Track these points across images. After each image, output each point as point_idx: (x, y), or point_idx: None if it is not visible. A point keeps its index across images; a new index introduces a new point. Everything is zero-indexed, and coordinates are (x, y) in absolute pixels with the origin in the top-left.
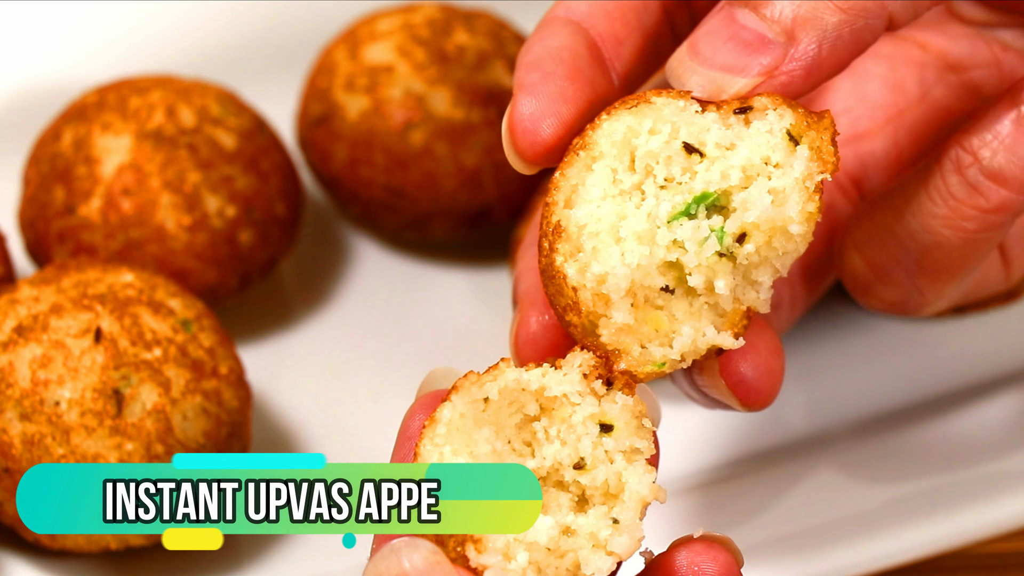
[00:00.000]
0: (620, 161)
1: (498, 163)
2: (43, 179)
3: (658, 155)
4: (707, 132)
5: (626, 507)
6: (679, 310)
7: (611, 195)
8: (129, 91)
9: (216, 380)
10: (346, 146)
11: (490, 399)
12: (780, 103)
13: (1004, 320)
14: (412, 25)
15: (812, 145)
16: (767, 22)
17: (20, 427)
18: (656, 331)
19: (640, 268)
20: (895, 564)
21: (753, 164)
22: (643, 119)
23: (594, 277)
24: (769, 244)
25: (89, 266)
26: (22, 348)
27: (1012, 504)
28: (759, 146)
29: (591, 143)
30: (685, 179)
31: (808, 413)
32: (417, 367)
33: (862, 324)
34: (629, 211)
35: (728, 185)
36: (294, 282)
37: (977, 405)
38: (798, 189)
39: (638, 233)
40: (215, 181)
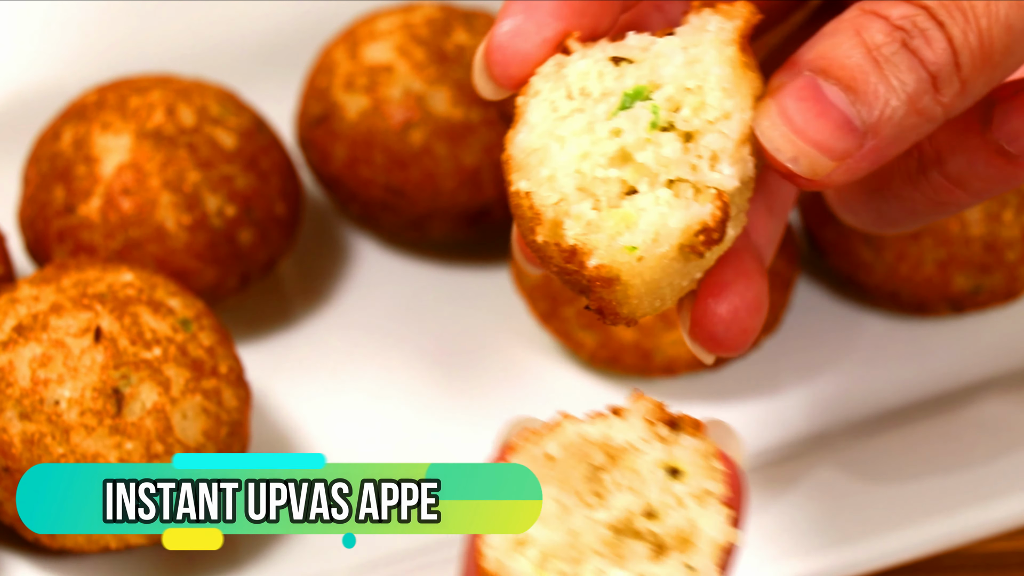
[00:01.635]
0: (557, 93)
1: (498, 163)
2: (43, 178)
3: (589, 74)
4: (632, 44)
5: (700, 553)
6: (645, 203)
7: (550, 120)
8: (129, 91)
9: (216, 379)
10: (345, 145)
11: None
12: (699, 8)
13: (1003, 319)
14: (411, 25)
15: (723, 15)
16: (856, 107)
17: (20, 426)
18: (625, 224)
19: (584, 156)
20: (895, 563)
21: (674, 49)
22: (573, 53)
23: (544, 179)
24: (703, 105)
25: (89, 265)
26: (22, 347)
27: (1011, 503)
28: (678, 38)
29: (528, 86)
30: (618, 85)
31: (808, 412)
32: (417, 366)
33: (861, 324)
34: (568, 123)
35: (654, 74)
36: (294, 281)
37: (976, 404)
38: (712, 46)
39: (577, 131)
40: (215, 180)
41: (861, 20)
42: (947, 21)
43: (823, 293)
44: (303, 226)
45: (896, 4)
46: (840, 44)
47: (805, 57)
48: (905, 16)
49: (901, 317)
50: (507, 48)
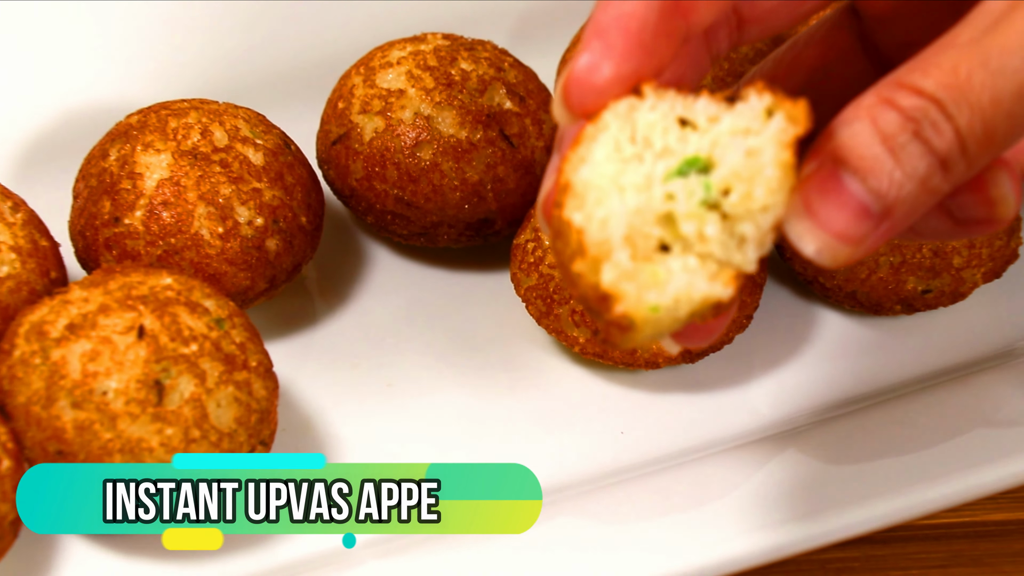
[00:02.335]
0: (623, 133)
1: (498, 178)
2: (92, 193)
3: (655, 126)
4: (699, 109)
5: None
6: (675, 267)
7: (614, 160)
8: (168, 113)
9: (246, 372)
10: (362, 162)
11: None
12: (763, 89)
13: (950, 318)
14: (421, 53)
15: (786, 113)
16: (872, 195)
17: (72, 414)
18: (653, 282)
19: (638, 212)
20: (854, 534)
21: (736, 130)
22: (646, 99)
23: (597, 220)
24: (750, 196)
25: (133, 270)
26: (73, 343)
27: (956, 482)
28: (741, 117)
29: (599, 119)
30: (679, 147)
31: (775, 401)
32: (425, 358)
33: (823, 322)
34: (629, 170)
35: (715, 150)
36: (316, 284)
37: (926, 393)
38: (772, 143)
39: (636, 184)
40: (245, 194)
41: (877, 110)
42: (955, 113)
43: (788, 295)
44: (324, 235)
45: (909, 95)
46: (858, 134)
47: (828, 146)
48: (917, 107)
49: (858, 316)
50: (584, 82)
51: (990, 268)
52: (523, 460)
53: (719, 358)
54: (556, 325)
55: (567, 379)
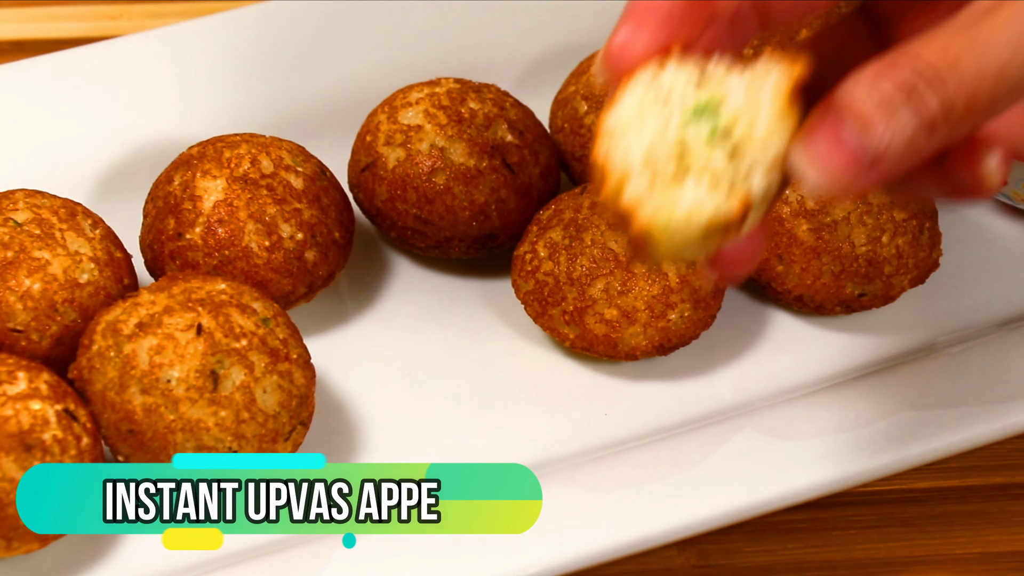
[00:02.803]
0: (649, 90)
1: (501, 199)
2: (159, 212)
3: (676, 84)
4: (714, 70)
5: None
6: (687, 189)
7: (639, 109)
8: (223, 145)
9: (288, 363)
10: (386, 186)
11: None
12: (771, 53)
13: (881, 317)
14: (436, 95)
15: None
16: (864, 147)
17: (141, 399)
18: (667, 202)
19: (654, 146)
20: (801, 500)
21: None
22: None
23: (619, 152)
24: (752, 127)
25: (192, 278)
26: (142, 339)
27: (888, 455)
28: (751, 72)
29: (631, 80)
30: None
31: (734, 387)
32: (439, 351)
33: (775, 321)
34: (651, 115)
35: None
36: (347, 289)
37: (861, 381)
38: (772, 83)
39: (655, 125)
40: (287, 213)
41: (877, 76)
42: (942, 84)
43: (746, 299)
44: (354, 247)
45: (905, 66)
46: (859, 94)
47: (834, 100)
48: (910, 77)
49: (805, 316)
50: (620, 51)
51: (915, 275)
52: (521, 435)
53: (688, 351)
54: (550, 323)
55: (559, 369)
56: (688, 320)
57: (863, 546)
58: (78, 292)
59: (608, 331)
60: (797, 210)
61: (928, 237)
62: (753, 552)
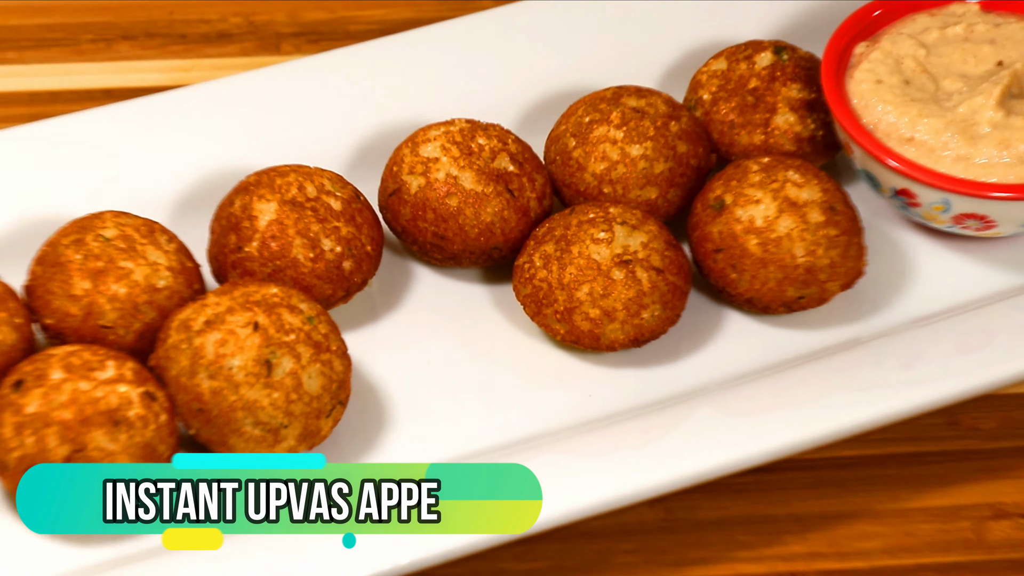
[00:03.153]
0: None
1: (504, 219)
2: (222, 230)
3: None
4: None
5: None
6: None
7: None
8: (275, 174)
9: (329, 354)
10: (409, 208)
11: None
12: None
13: (815, 316)
14: (450, 132)
15: None
16: None
17: (208, 383)
18: None
19: None
20: (750, 465)
21: None
22: None
23: None
24: None
25: (250, 283)
26: (209, 334)
27: (821, 428)
28: None
29: None
30: None
31: (695, 372)
32: (453, 343)
33: (728, 319)
34: None
35: None
36: (378, 293)
37: (799, 367)
38: None
39: None
40: (328, 230)
41: None
42: None
43: (705, 300)
44: (383, 258)
45: None
46: None
47: None
48: None
49: (754, 315)
50: None
51: (845, 281)
52: (519, 412)
53: (658, 344)
54: (544, 321)
55: (551, 358)
56: (658, 318)
57: (800, 503)
58: (156, 295)
59: (592, 327)
60: (748, 228)
61: (855, 250)
62: (710, 508)
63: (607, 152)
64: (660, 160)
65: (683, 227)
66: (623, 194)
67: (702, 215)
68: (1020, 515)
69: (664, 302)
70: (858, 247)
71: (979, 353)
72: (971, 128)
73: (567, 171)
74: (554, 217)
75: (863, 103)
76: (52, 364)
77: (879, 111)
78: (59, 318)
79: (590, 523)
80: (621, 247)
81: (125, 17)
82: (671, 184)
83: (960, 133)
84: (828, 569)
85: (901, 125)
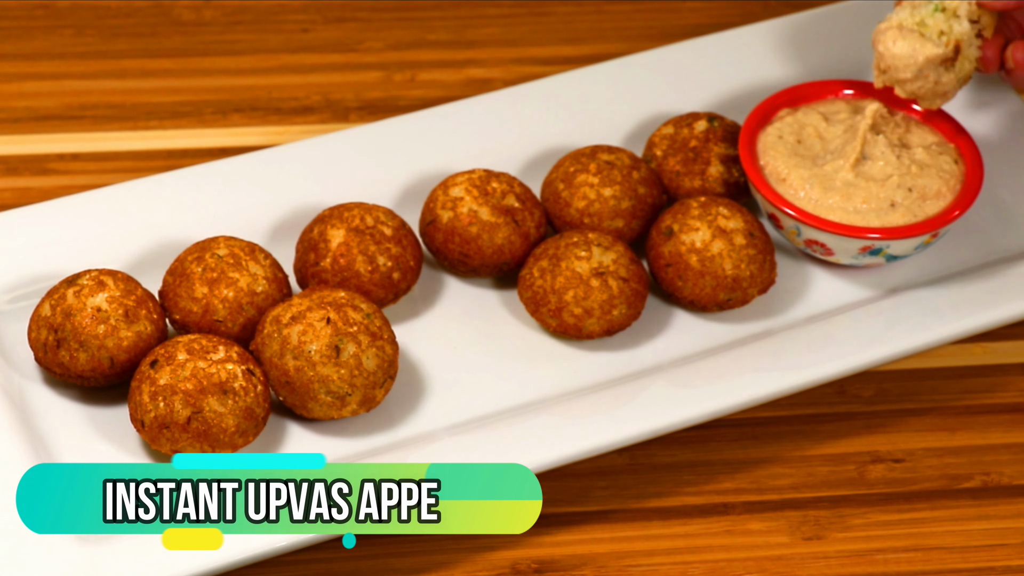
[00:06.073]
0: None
1: (511, 242)
2: (304, 249)
3: None
4: None
5: None
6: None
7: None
8: (343, 209)
9: (382, 340)
10: (441, 234)
11: None
12: None
13: (739, 314)
14: (472, 178)
15: None
16: None
17: (293, 363)
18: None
19: (904, 22)
20: (694, 423)
21: None
22: None
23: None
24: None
25: (324, 289)
26: (294, 326)
27: (746, 394)
28: None
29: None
30: None
31: (652, 355)
32: (473, 334)
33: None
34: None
35: None
36: (419, 297)
37: (730, 351)
38: None
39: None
40: (382, 250)
41: None
42: None
43: (659, 301)
44: (422, 271)
45: None
46: None
47: None
48: None
49: (695, 313)
50: None
51: (761, 287)
52: (519, 384)
53: (624, 334)
54: (540, 317)
55: (544, 344)
56: (625, 315)
57: (730, 452)
58: (256, 298)
59: (576, 322)
60: (690, 248)
61: (769, 265)
62: (664, 455)
63: (587, 193)
64: (625, 199)
65: (643, 248)
66: (598, 223)
67: (656, 239)
68: (892, 460)
69: (629, 303)
70: (771, 262)
71: (854, 342)
72: (827, 181)
73: (557, 207)
74: (548, 240)
75: (763, 150)
76: (178, 348)
77: (770, 156)
78: (184, 315)
79: (574, 467)
80: (597, 262)
81: (236, 96)
82: (633, 216)
83: (819, 183)
84: (751, 500)
85: (780, 169)
